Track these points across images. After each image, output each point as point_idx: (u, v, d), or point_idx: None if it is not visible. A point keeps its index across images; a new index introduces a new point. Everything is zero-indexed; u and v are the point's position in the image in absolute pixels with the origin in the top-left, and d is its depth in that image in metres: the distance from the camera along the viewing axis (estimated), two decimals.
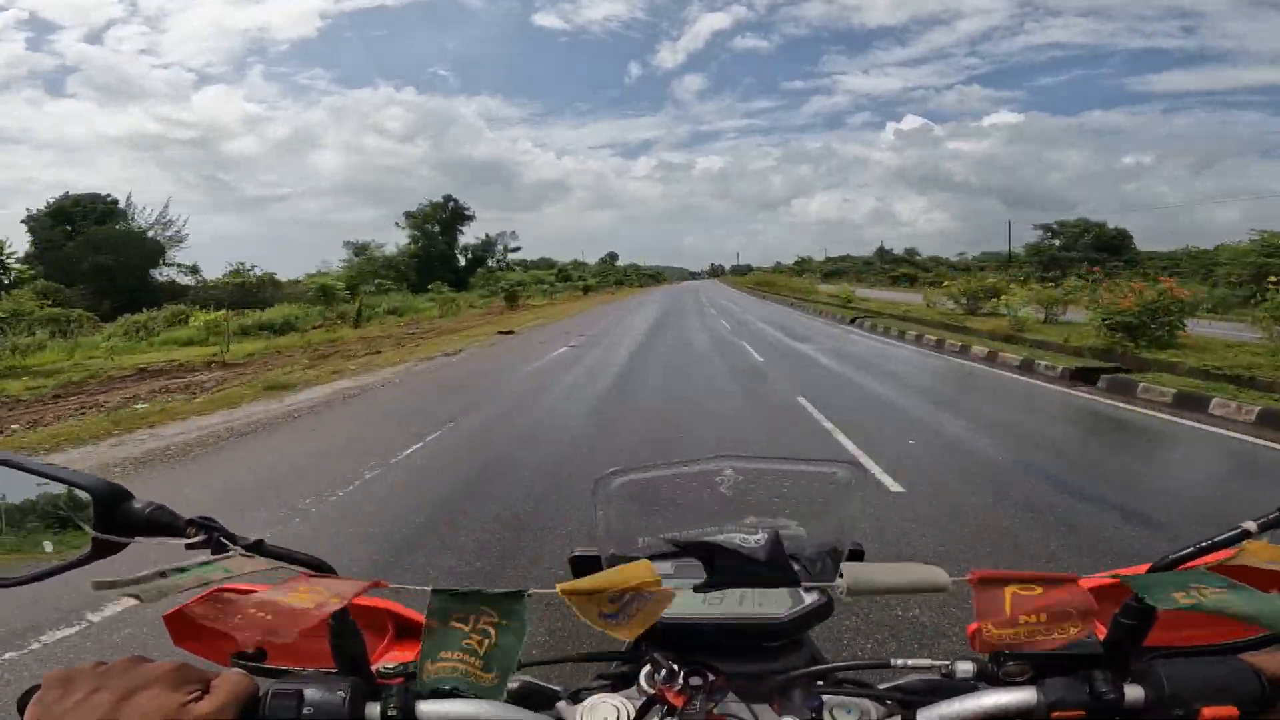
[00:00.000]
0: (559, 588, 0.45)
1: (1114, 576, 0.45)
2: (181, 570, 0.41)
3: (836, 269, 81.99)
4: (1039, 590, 0.44)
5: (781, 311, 25.59)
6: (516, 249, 69.75)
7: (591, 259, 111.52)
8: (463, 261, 61.01)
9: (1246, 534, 0.46)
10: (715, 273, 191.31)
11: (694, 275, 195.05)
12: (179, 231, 39.46)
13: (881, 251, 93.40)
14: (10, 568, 0.47)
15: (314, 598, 0.42)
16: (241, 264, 36.23)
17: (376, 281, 42.71)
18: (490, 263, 64.10)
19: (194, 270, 38.91)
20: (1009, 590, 0.44)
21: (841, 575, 0.48)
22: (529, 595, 0.46)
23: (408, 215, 60.25)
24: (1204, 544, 0.48)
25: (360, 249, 53.85)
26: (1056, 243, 47.74)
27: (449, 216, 62.12)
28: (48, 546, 0.46)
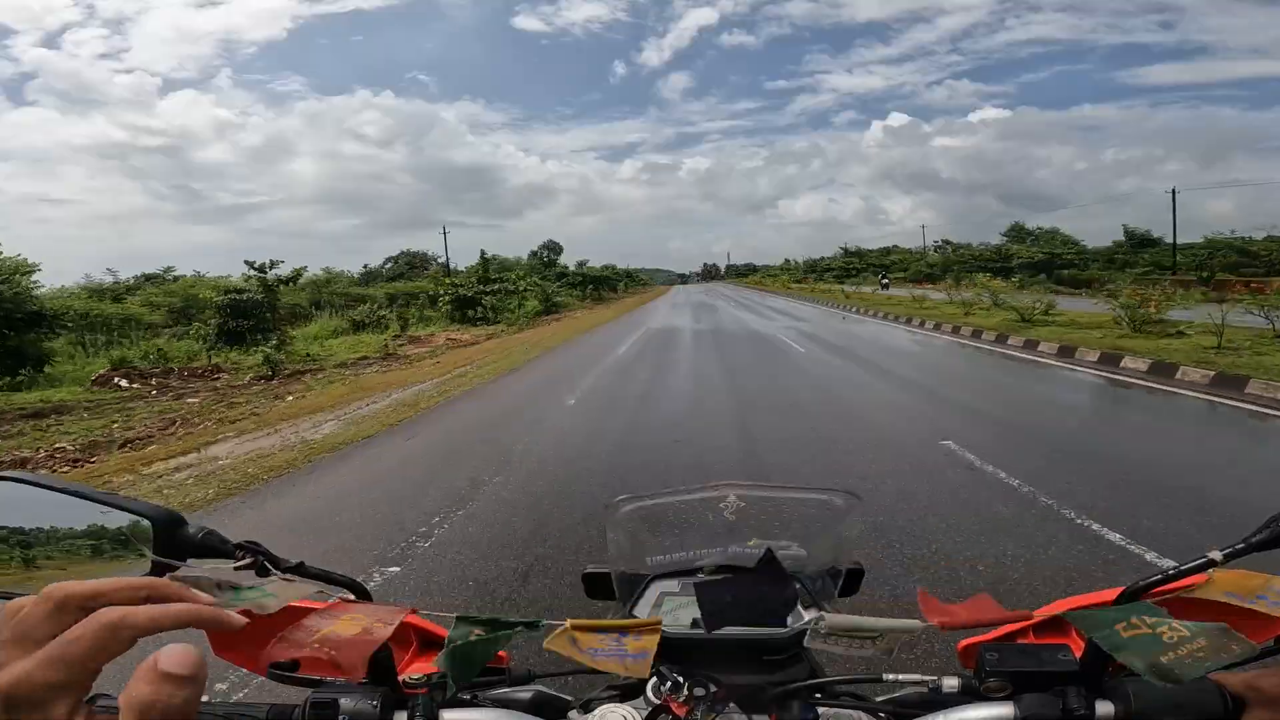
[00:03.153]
0: (569, 623, 0.50)
1: (1061, 614, 0.49)
2: (236, 591, 0.45)
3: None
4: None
5: None
6: None
7: (568, 261, 69.13)
8: None
9: (1212, 563, 0.49)
10: (709, 274, 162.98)
11: (683, 278, 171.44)
12: None
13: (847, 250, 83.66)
14: None
15: (359, 625, 0.47)
16: None
17: None
18: None
19: None
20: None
21: (823, 619, 0.52)
22: (542, 625, 0.50)
23: None
24: (1171, 571, 0.51)
25: None
26: None
27: None
28: (113, 568, 0.50)
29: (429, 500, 4.38)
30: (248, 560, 0.51)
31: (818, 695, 0.60)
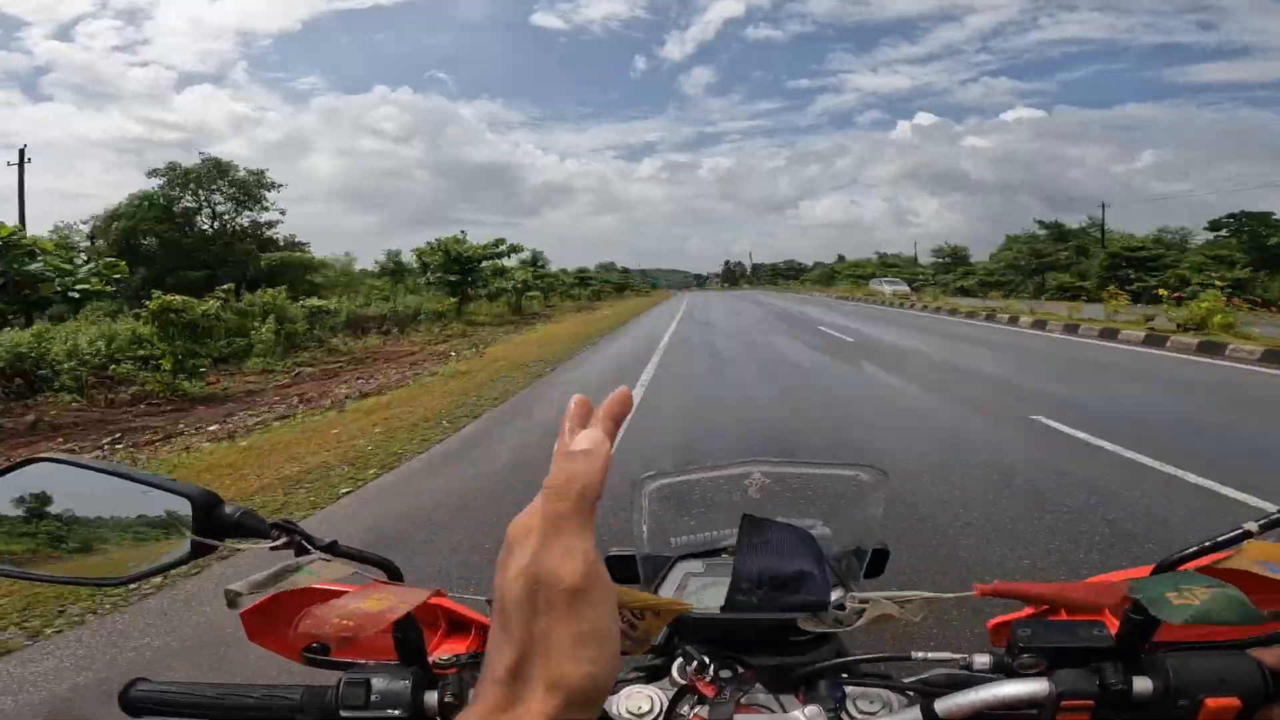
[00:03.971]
0: None
1: (1120, 579, 0.48)
2: (280, 574, 0.46)
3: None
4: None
5: None
6: None
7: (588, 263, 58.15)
8: None
9: (1248, 534, 0.48)
10: (732, 276, 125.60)
11: (699, 280, 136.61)
12: None
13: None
14: (118, 568, 0.52)
15: (384, 603, 0.48)
16: None
17: None
18: None
19: None
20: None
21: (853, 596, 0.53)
22: None
23: None
24: (1206, 544, 0.50)
25: None
26: None
27: None
28: (150, 548, 0.52)
29: None
30: (283, 540, 0.52)
31: (845, 675, 0.60)
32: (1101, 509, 3.76)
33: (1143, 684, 0.46)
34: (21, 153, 27.57)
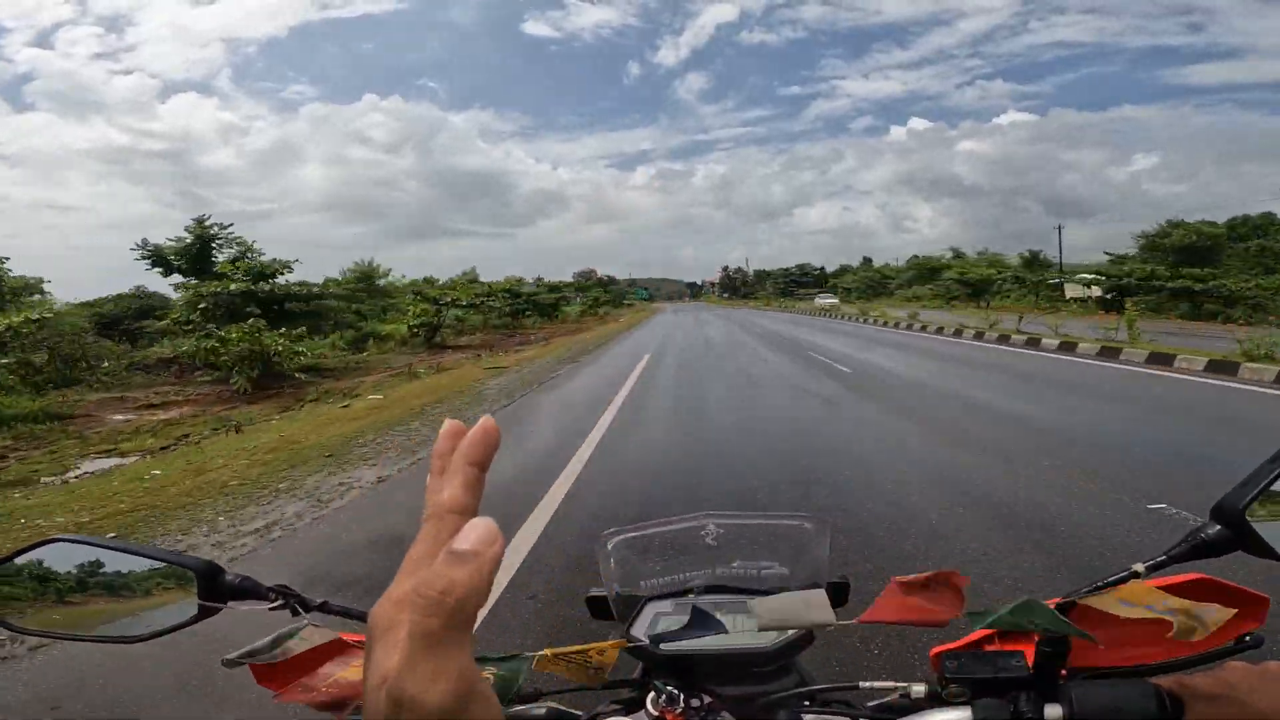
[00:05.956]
0: (547, 651, 0.59)
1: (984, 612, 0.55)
2: (275, 641, 0.52)
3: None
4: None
5: None
6: None
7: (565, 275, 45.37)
8: None
9: (1135, 574, 0.54)
10: (732, 285, 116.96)
11: (693, 288, 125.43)
12: None
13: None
14: (132, 629, 0.58)
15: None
16: None
17: None
18: None
19: None
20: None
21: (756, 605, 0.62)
22: (526, 656, 0.58)
23: None
24: (1099, 583, 0.55)
25: None
26: None
27: None
28: (161, 612, 0.57)
29: None
30: (280, 602, 0.58)
31: (807, 703, 0.65)
32: None
33: (1053, 711, 0.52)
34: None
